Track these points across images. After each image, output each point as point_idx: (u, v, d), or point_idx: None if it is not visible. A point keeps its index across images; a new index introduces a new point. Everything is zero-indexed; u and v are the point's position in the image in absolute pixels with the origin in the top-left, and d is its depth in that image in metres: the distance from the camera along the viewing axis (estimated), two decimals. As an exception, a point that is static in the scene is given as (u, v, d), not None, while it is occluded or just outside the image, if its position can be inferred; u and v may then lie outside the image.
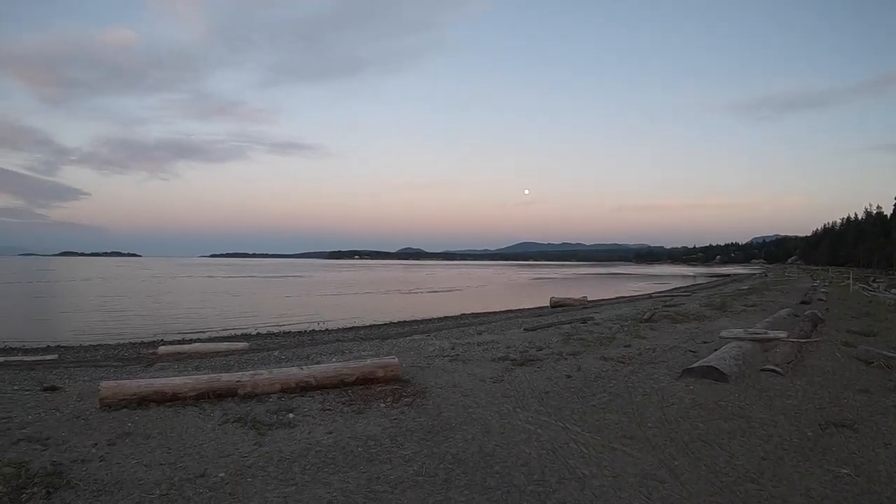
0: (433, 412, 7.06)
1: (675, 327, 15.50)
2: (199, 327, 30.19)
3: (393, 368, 8.72)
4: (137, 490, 4.94)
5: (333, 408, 7.38)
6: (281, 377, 8.25)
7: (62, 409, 7.80)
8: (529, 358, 10.53)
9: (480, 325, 22.39)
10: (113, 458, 5.75)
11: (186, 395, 7.81)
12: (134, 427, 6.80)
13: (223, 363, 14.53)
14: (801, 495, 4.71)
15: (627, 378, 8.80)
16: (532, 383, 8.53)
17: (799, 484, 4.91)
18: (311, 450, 5.80)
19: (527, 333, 15.71)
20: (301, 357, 14.62)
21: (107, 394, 7.70)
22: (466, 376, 9.11)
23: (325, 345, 18.81)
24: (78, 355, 20.07)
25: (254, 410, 7.29)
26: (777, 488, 4.81)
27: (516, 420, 6.70)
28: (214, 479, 5.13)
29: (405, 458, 5.48)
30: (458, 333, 18.43)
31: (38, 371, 14.62)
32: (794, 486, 4.86)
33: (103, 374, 13.25)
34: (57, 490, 4.96)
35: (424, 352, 12.31)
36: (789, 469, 5.23)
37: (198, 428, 6.71)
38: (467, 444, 5.86)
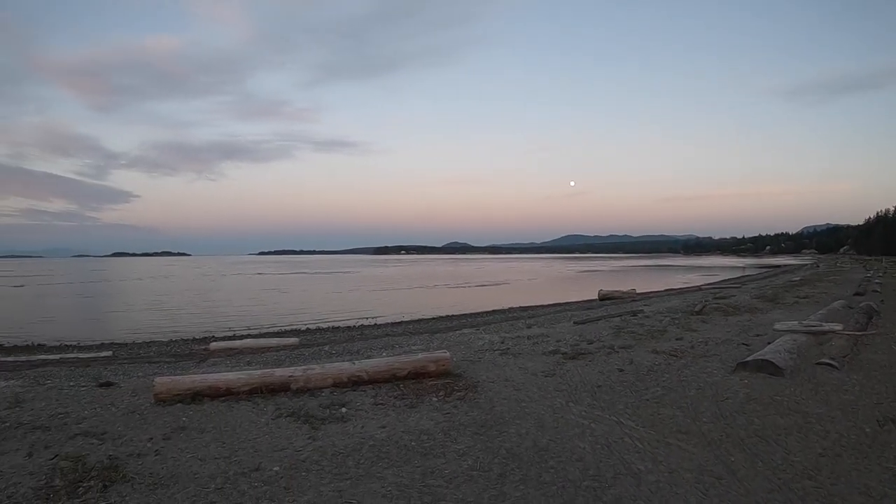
0: (486, 406, 7.02)
1: (727, 320, 15.29)
2: (249, 323, 30.50)
3: (444, 363, 8.71)
4: (193, 483, 4.99)
5: (386, 402, 7.38)
6: (333, 372, 8.28)
7: (117, 405, 7.92)
8: (580, 351, 10.45)
9: (529, 319, 22.30)
10: (168, 452, 5.82)
11: (240, 390, 7.88)
12: (188, 421, 6.88)
13: (274, 358, 14.64)
14: (859, 493, 4.60)
15: (680, 372, 8.70)
16: (584, 377, 8.46)
17: (857, 482, 4.80)
18: (364, 444, 5.79)
19: (576, 327, 15.61)
20: (351, 352, 14.71)
21: (161, 389, 7.80)
22: (518, 370, 9.06)
23: (374, 339, 18.89)
24: (131, 352, 20.40)
25: (307, 405, 7.32)
26: (835, 486, 4.71)
27: (569, 414, 6.64)
28: (269, 472, 5.16)
29: (459, 453, 5.45)
30: (507, 327, 18.41)
31: (93, 368, 14.90)
32: (853, 484, 4.76)
33: (157, 370, 13.42)
34: (113, 484, 5.03)
35: (474, 346, 12.28)
36: (847, 466, 5.11)
37: (251, 422, 6.76)
38: (521, 438, 5.82)
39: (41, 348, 23.50)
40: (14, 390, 9.87)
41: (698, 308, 17.91)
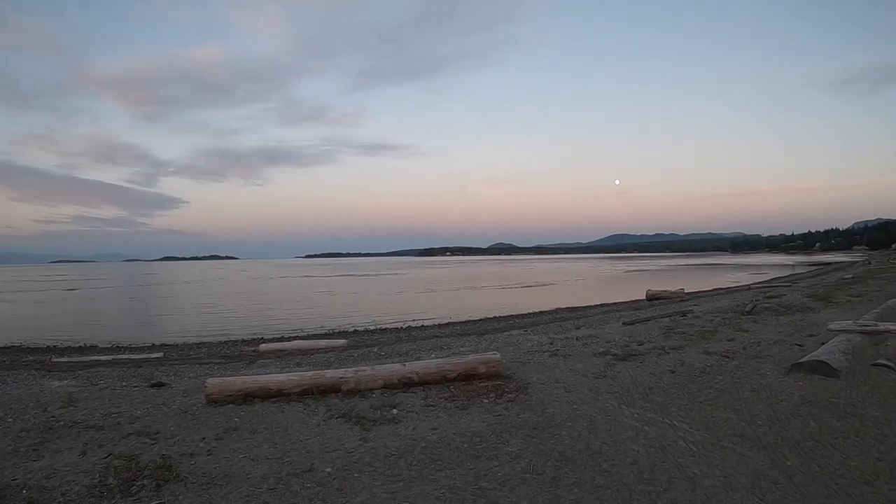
0: (537, 408, 7.00)
1: (779, 320, 15.07)
2: (297, 325, 30.70)
3: (495, 364, 8.69)
4: (245, 484, 5.05)
5: (436, 404, 7.41)
6: (383, 373, 8.33)
7: (169, 405, 8.07)
8: (631, 353, 10.37)
9: (578, 320, 22.15)
10: (220, 453, 5.91)
11: (291, 391, 7.97)
12: (240, 422, 6.97)
13: (323, 360, 14.73)
14: (920, 499, 4.53)
15: (733, 373, 8.58)
16: (635, 379, 8.40)
17: (918, 487, 4.72)
18: (416, 446, 5.81)
19: (626, 327, 15.51)
20: (400, 353, 14.74)
21: (213, 390, 7.93)
22: (568, 372, 9.02)
23: (422, 341, 18.91)
24: (182, 353, 20.66)
25: (357, 406, 7.37)
26: (894, 492, 4.63)
27: (622, 417, 6.59)
28: (321, 473, 5.20)
29: (512, 455, 5.44)
30: (555, 328, 18.32)
31: (144, 368, 15.11)
32: (913, 489, 4.68)
33: (207, 371, 13.58)
34: (166, 483, 5.11)
35: (523, 347, 12.24)
36: (907, 471, 5.02)
37: (303, 423, 6.83)
38: (574, 441, 5.79)
39: (93, 349, 23.91)
40: (68, 390, 10.10)
41: (749, 308, 17.69)
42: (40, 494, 5.06)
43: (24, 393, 10.20)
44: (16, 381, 12.79)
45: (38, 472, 5.59)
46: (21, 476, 5.53)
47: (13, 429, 7.27)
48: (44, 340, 27.49)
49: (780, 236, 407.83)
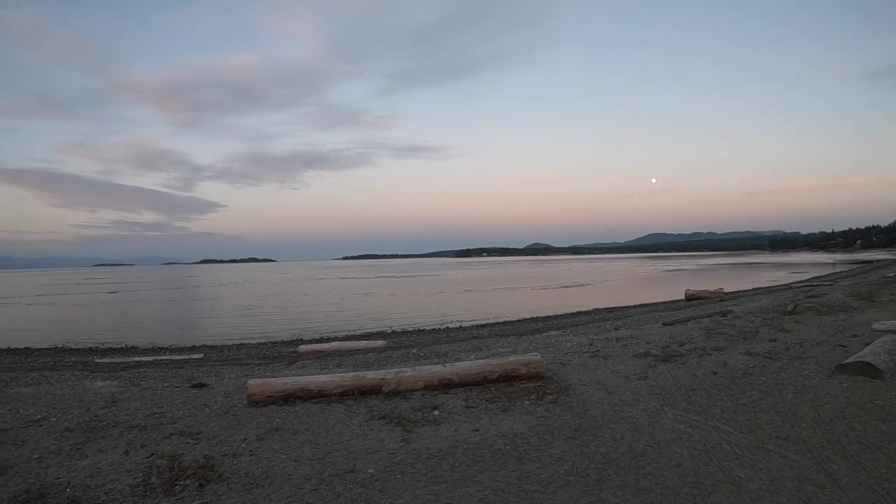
0: (579, 410, 6.97)
1: (821, 320, 14.85)
2: (336, 326, 30.85)
3: (536, 365, 8.65)
4: (288, 484, 5.09)
5: (477, 405, 7.40)
6: (424, 374, 8.34)
7: (211, 405, 8.18)
8: (672, 354, 10.28)
9: (616, 321, 22.03)
10: (262, 453, 5.96)
11: (332, 392, 8.01)
12: (282, 423, 7.04)
13: (363, 361, 14.78)
14: (971, 503, 4.45)
15: (776, 375, 8.46)
16: (677, 380, 8.33)
17: (968, 491, 4.64)
18: (458, 447, 5.81)
19: (665, 328, 15.40)
20: (439, 354, 14.74)
21: (254, 391, 8.01)
22: (609, 373, 8.97)
23: (461, 342, 18.92)
24: (222, 354, 20.82)
25: (399, 407, 7.40)
26: (943, 496, 4.56)
27: (665, 419, 6.54)
28: (364, 475, 5.22)
29: (555, 457, 5.43)
30: (594, 329, 18.22)
31: (185, 369, 15.28)
32: (964, 493, 4.60)
33: (248, 372, 13.71)
34: (209, 483, 5.18)
35: (563, 348, 12.19)
36: (956, 475, 4.93)
37: (344, 424, 6.86)
38: (616, 443, 5.76)
39: (135, 351, 24.22)
40: (110, 390, 10.28)
41: (790, 307, 17.48)
42: (84, 493, 5.14)
43: (68, 393, 10.41)
44: (59, 382, 13.04)
45: (82, 471, 5.70)
46: (65, 475, 5.63)
47: (57, 428, 7.42)
48: (86, 342, 27.93)
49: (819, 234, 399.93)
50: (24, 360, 22.04)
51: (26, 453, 6.44)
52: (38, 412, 8.45)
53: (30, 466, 5.99)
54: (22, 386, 12.31)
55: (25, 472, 5.83)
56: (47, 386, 12.22)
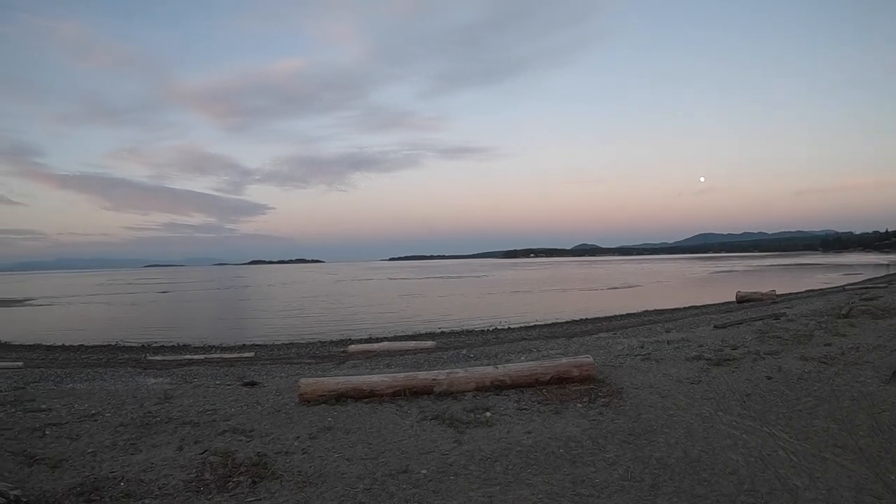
0: (632, 414, 6.91)
1: (877, 324, 14.50)
2: (385, 326, 31.00)
3: (588, 368, 8.60)
4: (341, 483, 5.12)
5: (529, 407, 7.39)
6: (476, 375, 8.33)
7: (263, 404, 8.28)
8: (725, 357, 10.12)
9: (667, 323, 21.82)
10: (315, 452, 6.01)
11: (383, 392, 8.04)
12: (334, 422, 7.09)
13: (412, 361, 14.82)
14: None
15: (832, 380, 8.26)
16: (731, 385, 8.18)
17: None
18: (511, 449, 5.79)
19: (717, 331, 15.19)
20: (489, 355, 14.70)
21: (306, 389, 8.09)
22: (661, 376, 8.86)
23: (510, 343, 18.88)
24: (272, 353, 21.05)
25: (450, 408, 7.40)
26: None
27: (719, 424, 6.44)
28: (417, 475, 5.23)
29: (609, 462, 5.38)
30: (644, 331, 18.08)
31: (236, 367, 15.48)
32: None
33: (298, 371, 13.79)
34: (262, 480, 5.24)
35: (613, 350, 12.11)
36: None
37: (396, 424, 6.89)
38: (671, 448, 5.69)
39: (186, 349, 24.61)
40: (163, 387, 10.45)
41: (845, 311, 17.17)
42: (138, 487, 5.24)
43: (122, 389, 10.59)
44: (113, 378, 13.26)
45: (136, 466, 5.81)
46: (119, 469, 5.75)
47: (111, 423, 7.58)
48: (138, 340, 28.47)
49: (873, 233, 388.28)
50: (78, 356, 22.51)
51: (81, 447, 6.59)
52: (92, 407, 8.63)
53: (84, 460, 6.13)
54: (77, 382, 12.54)
55: (80, 465, 5.97)
56: (101, 382, 12.43)
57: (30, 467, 5.96)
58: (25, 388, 10.85)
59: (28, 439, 7.00)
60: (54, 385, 11.68)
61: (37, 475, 5.74)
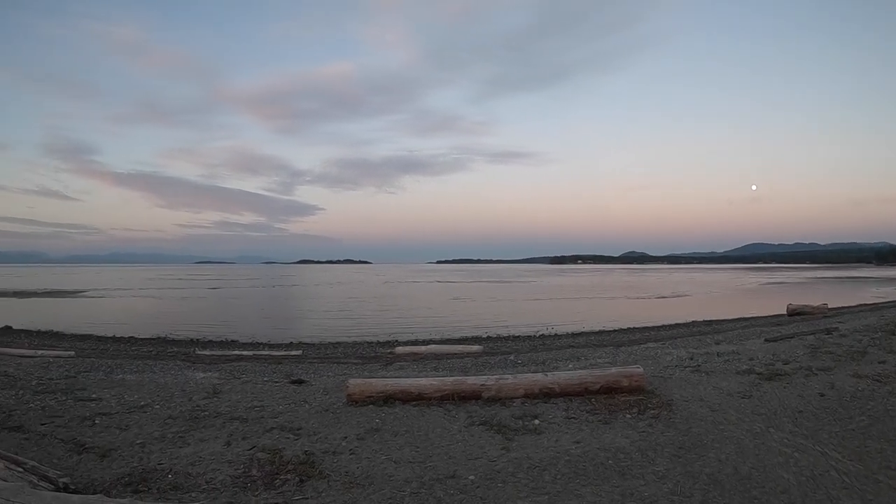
0: (682, 427, 6.80)
1: (934, 342, 14.25)
2: (431, 329, 31.09)
3: (638, 378, 8.49)
4: (388, 486, 5.13)
5: (578, 416, 7.32)
6: (525, 382, 8.30)
7: (310, 402, 8.35)
8: (776, 372, 9.91)
9: (716, 334, 21.52)
10: (362, 453, 6.04)
11: (431, 396, 8.04)
12: (381, 423, 7.12)
13: (460, 365, 14.81)
14: None
15: (886, 399, 8.05)
16: (783, 400, 8.01)
17: None
18: (559, 458, 5.75)
19: (768, 344, 14.95)
20: (537, 362, 14.66)
21: (354, 390, 8.13)
22: (712, 390, 8.70)
23: (558, 350, 18.77)
24: (319, 352, 21.23)
25: (499, 414, 7.36)
26: None
27: (771, 441, 6.30)
28: (464, 481, 5.21)
29: (658, 475, 5.30)
30: (694, 342, 17.88)
31: (284, 365, 15.62)
32: None
33: (345, 371, 13.88)
34: (309, 479, 5.28)
35: (662, 361, 11.97)
36: None
37: (444, 429, 6.89)
38: (721, 464, 5.58)
39: (234, 344, 24.93)
40: (212, 381, 10.62)
41: (901, 327, 16.87)
42: (185, 480, 5.32)
43: (171, 382, 10.78)
44: (162, 371, 13.52)
45: (184, 459, 5.90)
46: (167, 461, 5.85)
47: (160, 415, 7.72)
48: (188, 333, 28.90)
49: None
50: (128, 348, 22.94)
51: (130, 438, 6.73)
52: (141, 399, 8.79)
53: (133, 451, 6.24)
54: (127, 373, 12.78)
55: (128, 455, 6.08)
56: (151, 374, 12.67)
57: (79, 455, 6.10)
58: (76, 377, 11.07)
59: (78, 428, 7.16)
60: (105, 375, 11.93)
61: (85, 463, 5.87)
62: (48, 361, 14.20)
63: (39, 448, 6.32)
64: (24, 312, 43.08)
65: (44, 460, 5.70)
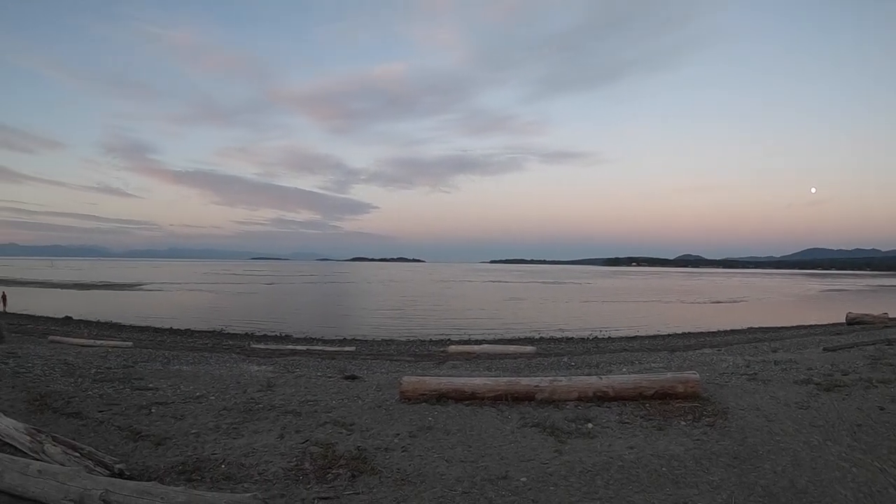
0: (737, 436, 6.67)
1: None
2: (484, 329, 31.20)
3: (693, 385, 8.34)
4: (439, 484, 5.15)
5: (632, 421, 7.23)
6: (579, 385, 8.21)
7: (363, 398, 8.40)
8: (835, 383, 9.63)
9: (773, 342, 21.23)
10: (414, 450, 6.07)
11: (484, 396, 8.02)
12: (434, 421, 7.14)
13: (513, 366, 14.78)
14: None
15: None
16: (841, 413, 7.76)
17: None
18: (612, 464, 5.69)
19: (826, 354, 14.66)
20: (590, 365, 14.58)
21: (408, 387, 8.17)
22: (768, 399, 8.49)
23: (612, 353, 18.70)
24: (372, 349, 21.43)
25: (551, 416, 7.32)
26: None
27: (828, 454, 6.12)
28: (516, 482, 5.20)
29: (712, 485, 5.21)
30: (750, 349, 17.68)
31: (338, 360, 15.76)
32: None
33: (398, 368, 13.96)
34: (361, 474, 5.32)
35: (718, 368, 11.77)
36: None
37: (496, 429, 6.87)
38: (777, 476, 5.46)
39: (288, 339, 25.32)
40: (266, 375, 10.74)
41: (964, 340, 16.47)
42: (238, 471, 5.43)
43: (226, 374, 10.93)
44: (218, 363, 13.72)
45: (237, 450, 6.01)
46: (220, 451, 5.98)
47: (215, 406, 7.86)
48: (243, 327, 29.41)
49: None
50: (185, 340, 23.42)
51: (185, 427, 6.88)
52: (197, 389, 8.97)
53: (187, 440, 6.40)
54: (183, 364, 12.99)
55: (183, 444, 6.24)
56: (206, 366, 12.86)
57: (134, 443, 6.27)
58: (134, 366, 11.26)
59: (134, 416, 7.34)
60: (161, 366, 12.13)
61: (141, 451, 6.02)
62: (107, 351, 14.50)
63: (96, 434, 6.52)
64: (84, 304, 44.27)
65: (100, 446, 5.88)
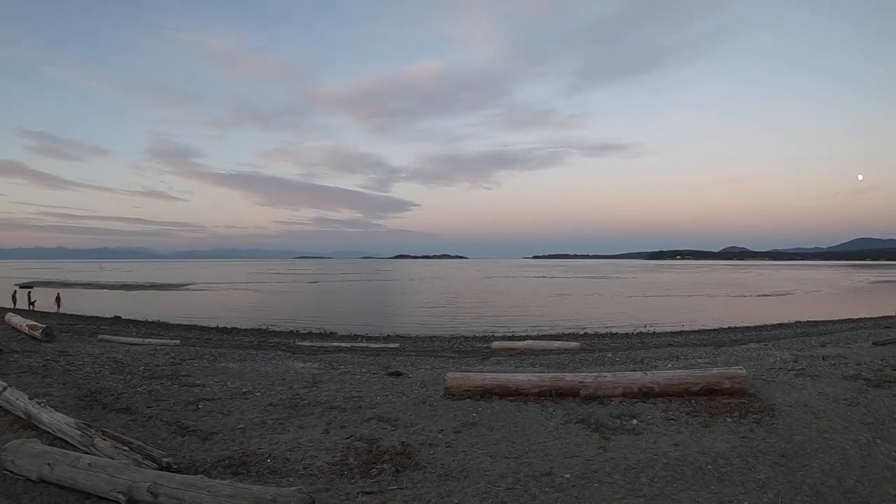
0: (784, 433, 6.53)
1: None
2: (527, 325, 31.16)
3: (740, 381, 8.21)
4: (483, 480, 5.15)
5: (677, 418, 7.16)
6: (624, 381, 8.15)
7: (407, 394, 8.46)
8: (885, 379, 9.32)
9: (821, 336, 20.93)
10: (458, 446, 6.09)
11: (528, 392, 8.02)
12: (478, 417, 7.14)
13: (557, 361, 14.76)
14: None
15: None
16: (892, 410, 7.53)
17: None
18: (657, 461, 5.64)
19: (876, 348, 14.35)
20: (635, 360, 14.47)
21: (452, 384, 8.20)
22: (816, 395, 8.28)
23: (656, 349, 18.58)
24: (416, 345, 21.48)
25: (596, 413, 7.27)
26: None
27: (877, 453, 5.93)
28: (560, 479, 5.18)
29: (758, 483, 5.14)
30: (797, 344, 17.44)
31: (382, 357, 15.88)
32: None
33: (442, 364, 13.95)
34: (405, 470, 5.36)
35: (765, 363, 11.60)
36: None
37: (541, 425, 6.86)
38: (825, 475, 5.33)
39: (333, 336, 25.50)
40: (312, 372, 10.88)
41: None
42: (283, 465, 5.51)
43: (272, 371, 11.09)
44: (263, 360, 13.93)
45: (283, 445, 6.10)
46: (266, 446, 6.07)
47: (261, 402, 7.98)
48: (288, 325, 29.69)
49: None
50: (231, 338, 23.71)
51: (231, 423, 7.01)
52: (243, 386, 9.11)
53: (234, 435, 6.51)
54: (230, 361, 13.24)
55: (229, 439, 6.36)
56: (252, 363, 13.05)
57: (182, 437, 6.40)
58: (181, 364, 11.50)
59: (182, 411, 7.48)
60: (208, 363, 12.36)
61: (188, 445, 6.15)
62: (155, 349, 14.76)
63: (145, 429, 6.66)
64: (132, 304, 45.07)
65: (148, 441, 5.98)
